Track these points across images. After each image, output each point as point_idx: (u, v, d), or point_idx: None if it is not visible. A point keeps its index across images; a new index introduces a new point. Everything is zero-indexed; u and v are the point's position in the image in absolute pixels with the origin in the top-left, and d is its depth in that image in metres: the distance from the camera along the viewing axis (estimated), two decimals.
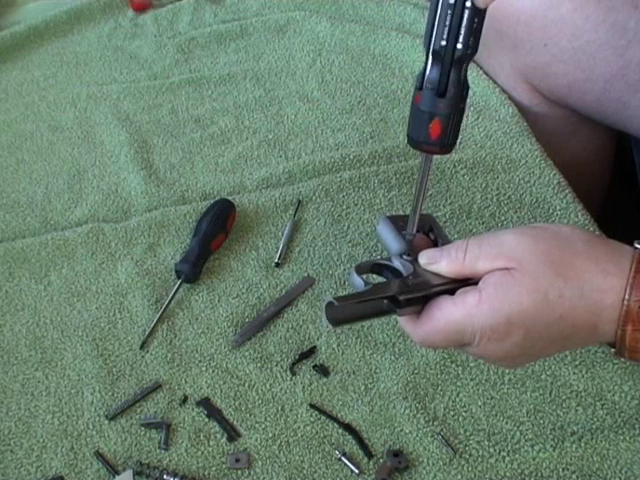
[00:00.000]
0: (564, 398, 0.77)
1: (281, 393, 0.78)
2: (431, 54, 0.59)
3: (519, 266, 0.59)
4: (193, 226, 0.92)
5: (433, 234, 0.70)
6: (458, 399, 0.77)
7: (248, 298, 0.86)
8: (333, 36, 1.23)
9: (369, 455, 0.73)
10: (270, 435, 0.75)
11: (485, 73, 1.10)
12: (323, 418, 0.76)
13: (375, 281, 0.63)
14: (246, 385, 0.78)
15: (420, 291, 0.62)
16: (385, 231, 0.68)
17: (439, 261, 0.63)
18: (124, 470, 0.71)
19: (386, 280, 0.65)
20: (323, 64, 1.19)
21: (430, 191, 0.97)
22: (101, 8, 1.30)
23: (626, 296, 0.58)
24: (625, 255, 0.60)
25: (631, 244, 0.61)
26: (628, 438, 0.74)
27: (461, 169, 1.00)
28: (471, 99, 0.62)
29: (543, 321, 0.59)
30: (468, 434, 0.75)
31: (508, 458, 0.73)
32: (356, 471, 0.72)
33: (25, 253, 0.90)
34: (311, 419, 0.76)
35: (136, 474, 0.71)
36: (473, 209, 0.95)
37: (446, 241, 0.69)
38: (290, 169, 1.01)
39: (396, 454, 0.72)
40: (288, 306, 0.85)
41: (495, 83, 1.09)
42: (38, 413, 0.76)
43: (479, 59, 1.11)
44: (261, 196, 0.97)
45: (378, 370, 0.79)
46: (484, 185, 0.98)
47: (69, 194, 0.99)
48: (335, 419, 0.76)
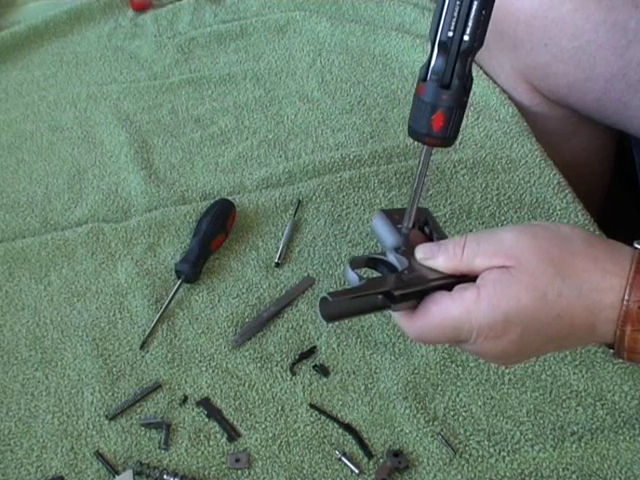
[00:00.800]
0: (564, 398, 0.77)
1: (281, 393, 0.78)
2: (437, 45, 0.58)
3: (518, 264, 0.59)
4: (193, 226, 0.92)
5: (428, 228, 0.68)
6: (458, 399, 0.77)
7: (248, 298, 0.86)
8: (333, 36, 1.23)
9: (369, 455, 0.73)
10: (270, 435, 0.75)
11: (485, 73, 1.10)
12: (323, 418, 0.76)
13: (371, 276, 0.62)
14: (246, 385, 0.78)
15: (415, 286, 0.61)
16: (380, 225, 0.67)
17: (436, 256, 0.62)
18: (124, 470, 0.71)
19: (381, 275, 0.65)
20: (323, 64, 1.19)
21: (430, 191, 0.97)
22: (101, 8, 1.30)
23: (625, 296, 0.58)
24: (625, 255, 0.60)
25: (631, 244, 0.61)
26: (628, 438, 0.74)
27: (461, 169, 1.00)
28: (471, 99, 0.61)
29: (541, 319, 0.59)
30: (468, 434, 0.75)
31: (508, 458, 0.73)
32: (356, 471, 0.72)
33: (25, 253, 0.90)
34: (311, 419, 0.76)
35: (136, 474, 0.71)
36: (473, 209, 0.95)
37: (441, 235, 0.68)
38: (290, 169, 1.01)
39: (396, 454, 0.72)
40: (288, 306, 0.85)
41: (495, 83, 1.09)
42: (38, 413, 0.76)
43: (479, 59, 1.11)
44: (261, 196, 0.96)
45: (378, 370, 0.79)
46: (484, 185, 0.98)
47: (69, 194, 0.99)
48: (335, 419, 0.76)
